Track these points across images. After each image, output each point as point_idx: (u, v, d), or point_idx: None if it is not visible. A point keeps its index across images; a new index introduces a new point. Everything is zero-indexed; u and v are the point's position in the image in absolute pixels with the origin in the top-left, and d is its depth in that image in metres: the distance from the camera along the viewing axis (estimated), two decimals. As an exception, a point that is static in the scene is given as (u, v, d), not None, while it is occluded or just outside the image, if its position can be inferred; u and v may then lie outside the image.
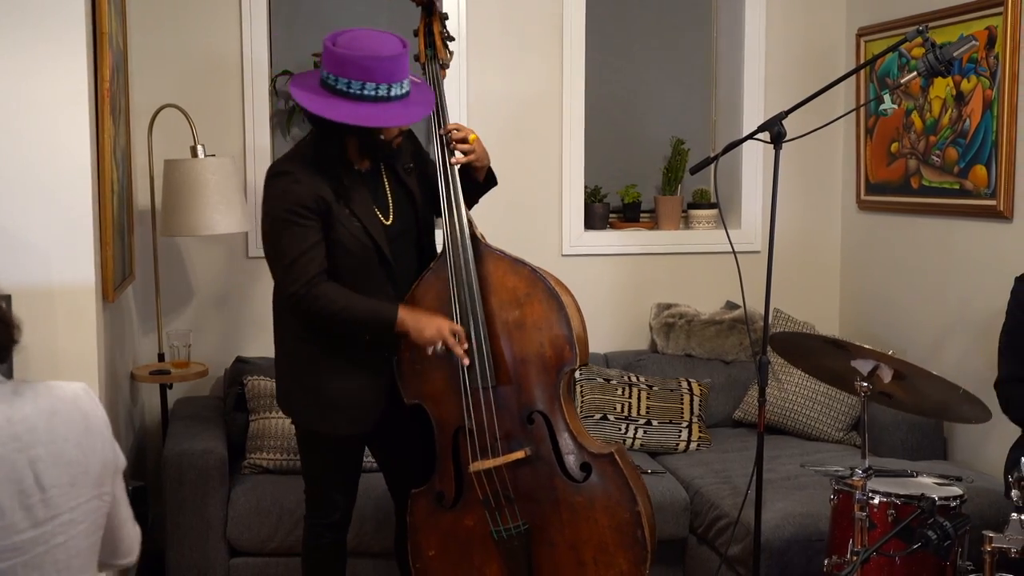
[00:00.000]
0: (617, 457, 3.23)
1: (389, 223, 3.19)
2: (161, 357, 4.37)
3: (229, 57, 4.53)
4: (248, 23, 4.51)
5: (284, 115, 4.73)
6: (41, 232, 3.20)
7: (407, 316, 3.10)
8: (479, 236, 3.26)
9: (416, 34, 3.39)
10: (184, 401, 4.44)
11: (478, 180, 3.33)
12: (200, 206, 4.11)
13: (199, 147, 4.17)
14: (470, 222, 3.24)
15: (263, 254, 3.02)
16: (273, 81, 4.66)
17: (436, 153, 3.26)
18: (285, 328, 3.25)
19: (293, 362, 3.25)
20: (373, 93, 2.98)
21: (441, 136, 3.25)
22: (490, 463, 3.19)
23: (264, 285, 4.51)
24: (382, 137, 3.09)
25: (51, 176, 3.19)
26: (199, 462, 3.79)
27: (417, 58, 3.37)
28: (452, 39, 3.40)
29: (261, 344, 4.52)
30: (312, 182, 3.05)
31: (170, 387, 4.39)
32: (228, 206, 4.15)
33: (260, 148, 4.56)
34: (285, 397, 3.31)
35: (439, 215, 3.31)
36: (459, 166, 3.24)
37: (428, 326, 3.10)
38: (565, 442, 3.23)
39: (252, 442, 4.05)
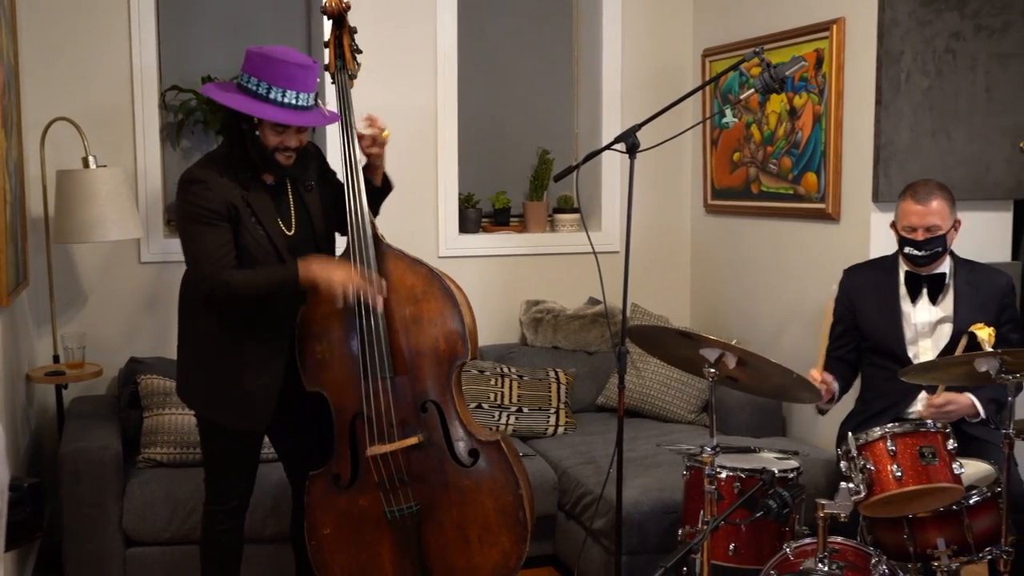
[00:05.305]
0: (503, 444, 3.25)
1: (291, 234, 3.15)
2: (56, 359, 4.22)
3: (119, 72, 4.39)
4: (137, 40, 4.39)
5: (174, 128, 4.61)
6: (-66, 240, 3.06)
7: (312, 267, 3.03)
8: (380, 237, 3.23)
9: (326, 46, 3.34)
10: (79, 400, 4.29)
11: (375, 183, 3.30)
12: (92, 214, 3.98)
13: (90, 158, 4.05)
14: (373, 223, 3.22)
15: (155, 259, 2.94)
16: (162, 96, 4.54)
17: (342, 156, 3.21)
18: (193, 323, 3.17)
19: (199, 357, 3.18)
20: (279, 98, 2.97)
21: (347, 139, 3.21)
22: (386, 448, 3.17)
23: (156, 289, 4.43)
24: (276, 156, 3.06)
25: (-57, 186, 3.06)
26: (95, 458, 3.67)
27: (327, 68, 3.33)
28: (360, 51, 3.36)
29: (154, 344, 4.41)
30: (222, 189, 3.02)
31: (65, 387, 4.24)
32: (120, 214, 4.04)
33: (151, 159, 4.44)
34: (189, 389, 3.24)
35: (341, 230, 3.28)
36: (363, 168, 3.22)
37: (337, 271, 3.05)
38: (455, 429, 3.23)
39: (147, 437, 3.93)
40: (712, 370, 2.94)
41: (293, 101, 2.99)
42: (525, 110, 5.19)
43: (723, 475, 3.06)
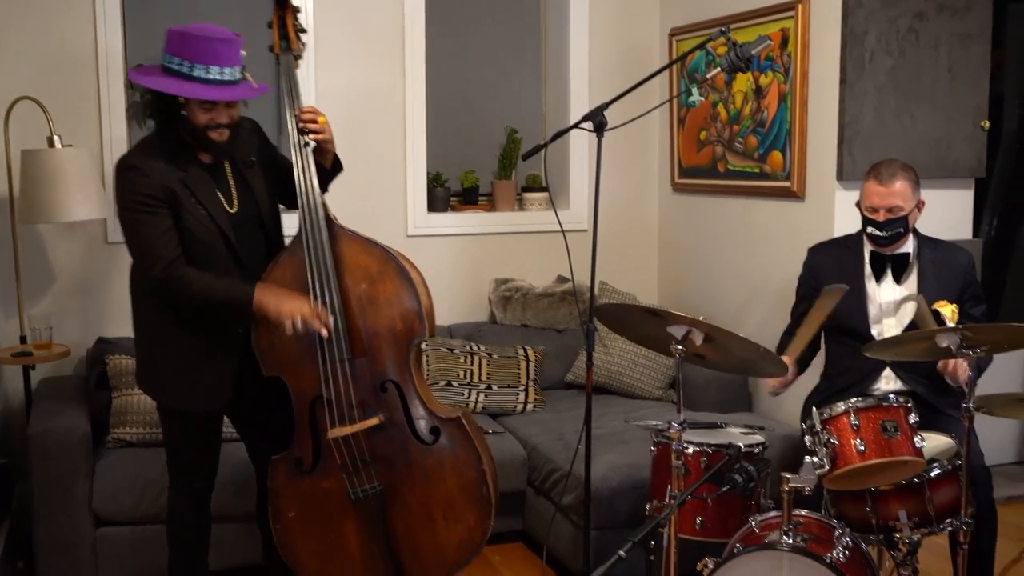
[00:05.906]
0: (463, 420, 3.24)
1: (233, 211, 3.10)
2: (23, 339, 4.18)
3: (84, 50, 4.33)
4: (102, 17, 4.33)
5: (140, 107, 4.56)
6: None
7: (265, 295, 3.03)
8: (332, 218, 3.21)
9: (270, 26, 3.30)
10: (47, 381, 4.25)
11: (325, 166, 3.27)
12: (58, 194, 3.93)
13: (55, 137, 3.99)
14: (324, 205, 3.19)
15: (122, 239, 2.89)
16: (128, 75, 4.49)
17: (291, 138, 3.18)
18: (145, 311, 3.14)
19: (153, 343, 3.15)
20: (204, 75, 2.92)
21: (295, 121, 3.17)
22: (347, 430, 3.16)
23: (123, 268, 4.35)
24: (209, 134, 3.01)
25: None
26: (64, 438, 3.64)
27: (271, 49, 3.29)
28: (304, 31, 3.32)
29: (122, 325, 4.35)
30: (159, 174, 2.97)
31: (33, 368, 4.19)
32: (86, 194, 3.99)
33: (117, 139, 4.39)
34: (146, 376, 3.21)
35: (289, 205, 3.25)
36: (311, 149, 3.18)
37: (286, 304, 3.03)
38: (416, 408, 3.22)
39: (115, 417, 3.91)
40: (679, 347, 2.94)
41: (218, 76, 2.94)
42: (493, 89, 5.18)
43: (690, 450, 3.08)
